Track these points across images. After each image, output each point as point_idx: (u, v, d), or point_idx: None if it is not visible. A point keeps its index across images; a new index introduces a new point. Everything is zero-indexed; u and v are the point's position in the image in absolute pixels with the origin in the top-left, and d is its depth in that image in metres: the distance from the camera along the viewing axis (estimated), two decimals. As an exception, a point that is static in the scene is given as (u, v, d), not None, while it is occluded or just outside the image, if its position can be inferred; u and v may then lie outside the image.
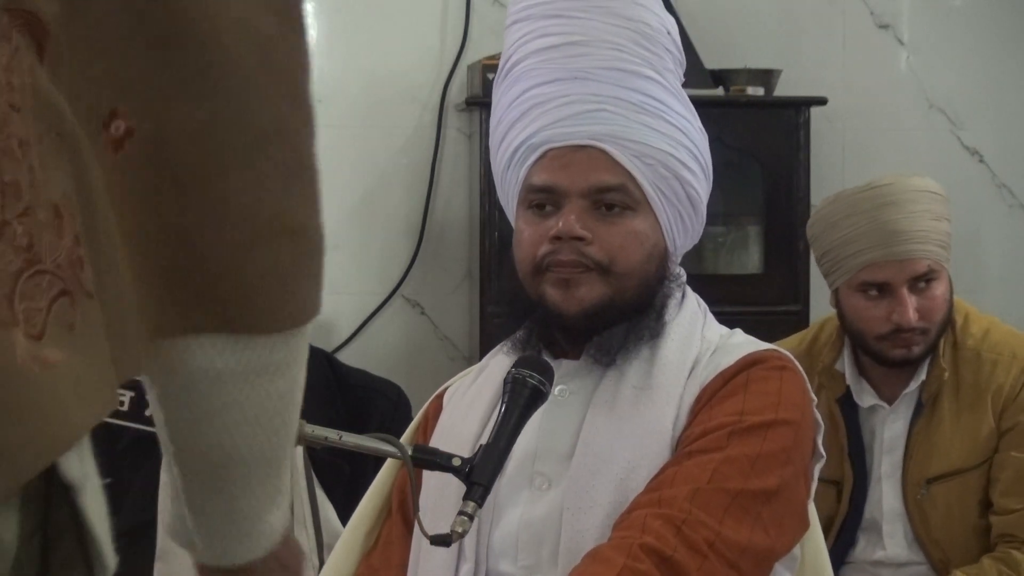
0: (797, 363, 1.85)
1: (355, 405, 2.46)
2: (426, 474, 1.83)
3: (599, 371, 1.83)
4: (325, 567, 1.97)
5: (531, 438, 1.80)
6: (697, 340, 1.85)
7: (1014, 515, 2.68)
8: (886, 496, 2.76)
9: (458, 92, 3.91)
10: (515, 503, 1.80)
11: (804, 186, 3.71)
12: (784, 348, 1.99)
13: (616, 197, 1.82)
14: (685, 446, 1.74)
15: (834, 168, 4.06)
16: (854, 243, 2.69)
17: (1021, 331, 2.83)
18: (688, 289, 1.93)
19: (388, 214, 3.93)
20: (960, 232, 4.08)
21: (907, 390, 2.74)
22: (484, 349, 3.62)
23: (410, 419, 2.51)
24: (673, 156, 1.83)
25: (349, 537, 1.96)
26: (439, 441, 1.91)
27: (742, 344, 1.86)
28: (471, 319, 3.85)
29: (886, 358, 2.71)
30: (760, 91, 3.77)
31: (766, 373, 1.79)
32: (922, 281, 2.67)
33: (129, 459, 2.37)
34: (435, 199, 3.93)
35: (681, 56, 1.92)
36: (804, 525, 1.81)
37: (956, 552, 2.71)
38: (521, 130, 1.88)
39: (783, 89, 3.85)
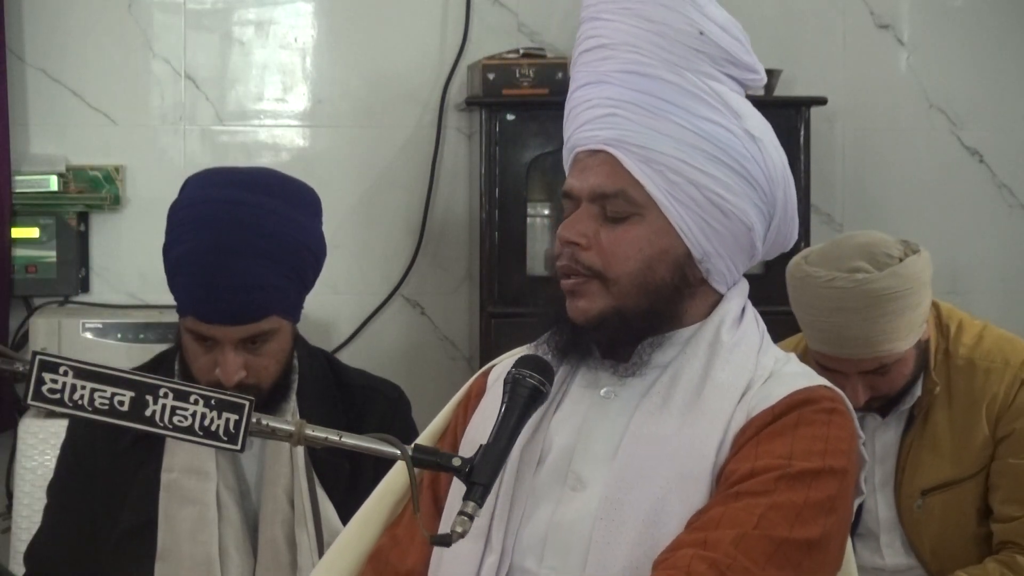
0: (848, 401, 1.81)
1: (355, 405, 2.46)
2: None
3: (647, 380, 1.81)
4: (342, 534, 1.96)
5: (571, 435, 1.81)
6: (751, 365, 1.81)
7: (1015, 522, 2.67)
8: (881, 507, 2.75)
9: (458, 92, 3.91)
10: (547, 500, 1.79)
11: (804, 186, 3.70)
12: (780, 350, 1.97)
13: (615, 203, 1.79)
14: (731, 484, 1.72)
15: (834, 168, 4.06)
16: (808, 327, 2.63)
17: (1019, 332, 2.82)
18: (749, 305, 1.89)
19: (388, 214, 3.93)
20: (960, 232, 4.10)
21: (901, 408, 2.72)
22: (484, 349, 3.63)
23: (410, 419, 2.51)
24: (683, 161, 1.78)
25: (373, 506, 1.95)
26: (477, 422, 1.89)
27: (796, 375, 1.82)
28: (471, 319, 3.84)
29: None
30: (760, 91, 3.77)
31: (815, 416, 1.75)
32: (874, 371, 2.62)
33: (129, 459, 2.37)
34: (435, 199, 3.93)
35: (731, 55, 1.88)
36: (838, 568, 1.80)
37: (954, 561, 2.70)
38: (565, 134, 1.90)
39: (783, 89, 3.86)
